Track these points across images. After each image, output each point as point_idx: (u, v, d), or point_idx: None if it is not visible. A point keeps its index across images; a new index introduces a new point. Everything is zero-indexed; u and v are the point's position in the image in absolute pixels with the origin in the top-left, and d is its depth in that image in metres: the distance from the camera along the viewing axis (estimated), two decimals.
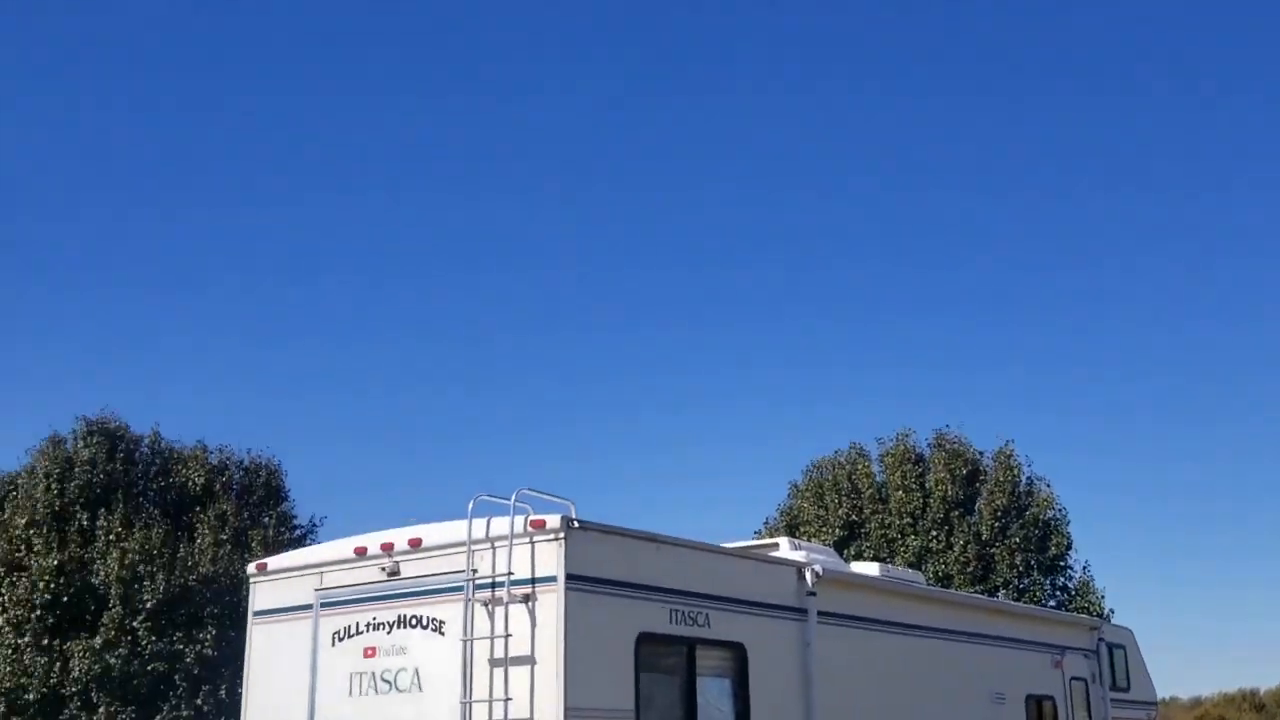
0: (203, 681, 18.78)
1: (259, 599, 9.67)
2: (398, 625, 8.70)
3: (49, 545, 20.12)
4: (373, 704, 8.66)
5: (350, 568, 9.10)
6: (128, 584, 19.54)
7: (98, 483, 21.32)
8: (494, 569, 8.29)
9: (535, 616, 8.05)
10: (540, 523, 8.20)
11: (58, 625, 19.41)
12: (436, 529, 8.84)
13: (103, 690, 18.67)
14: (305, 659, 9.06)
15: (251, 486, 23.22)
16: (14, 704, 18.57)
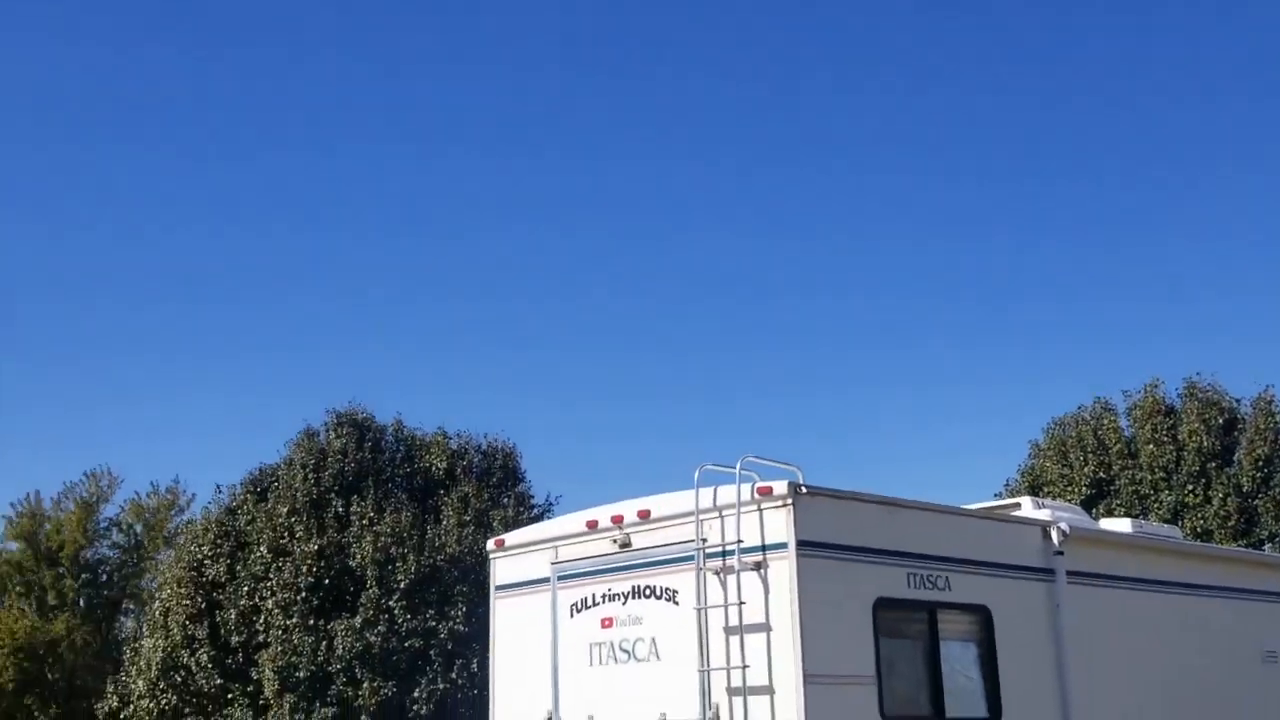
0: (456, 656, 19.52)
1: (499, 574, 9.94)
2: (632, 596, 8.79)
3: (309, 531, 21.29)
4: (613, 673, 8.78)
5: (583, 541, 9.24)
6: (382, 566, 20.49)
7: (349, 471, 22.43)
8: (723, 537, 8.26)
9: (768, 584, 7.98)
10: (767, 490, 8.12)
11: (321, 606, 20.53)
12: (664, 500, 8.87)
13: (365, 666, 19.64)
14: (546, 630, 9.26)
15: (490, 469, 23.99)
16: (286, 680, 19.75)
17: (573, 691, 9.01)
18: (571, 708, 8.98)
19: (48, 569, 55.37)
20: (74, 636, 52.43)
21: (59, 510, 57.21)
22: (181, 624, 21.96)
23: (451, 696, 19.34)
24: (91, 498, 57.56)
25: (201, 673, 21.31)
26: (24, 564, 55.62)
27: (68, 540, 55.77)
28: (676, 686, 8.33)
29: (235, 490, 23.98)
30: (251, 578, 21.38)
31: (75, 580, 55.44)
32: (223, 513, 23.57)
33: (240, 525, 22.76)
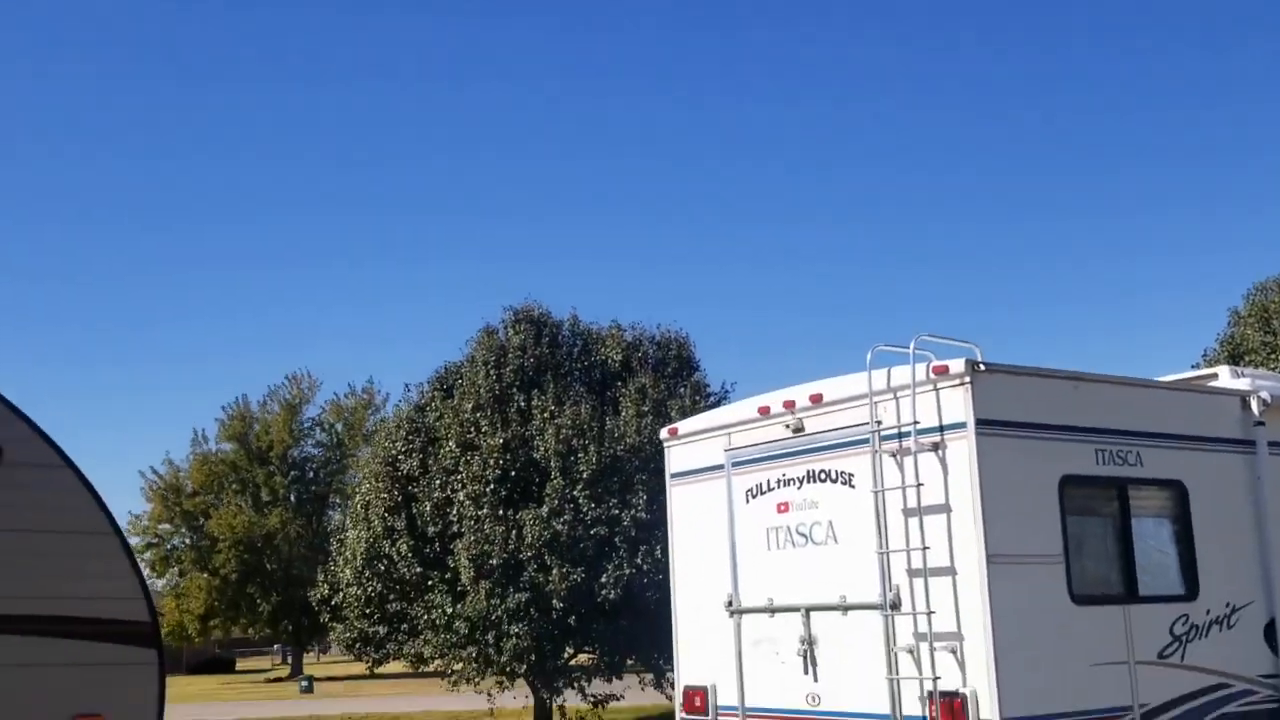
0: (640, 542, 19.90)
1: (674, 462, 10.02)
2: (807, 480, 8.74)
3: (494, 426, 21.88)
4: (790, 557, 8.79)
5: (756, 427, 9.21)
6: (564, 457, 20.95)
7: (529, 366, 22.88)
8: (899, 419, 8.11)
9: (946, 464, 7.82)
10: (943, 369, 7.91)
11: (509, 498, 21.16)
12: (837, 383, 8.75)
13: (553, 553, 20.23)
14: (722, 516, 9.32)
15: (665, 359, 24.12)
16: (480, 568, 20.52)
17: (751, 575, 9.07)
18: (751, 591, 9.05)
19: (259, 467, 58.85)
20: (287, 530, 55.81)
21: (266, 412, 60.53)
22: (381, 516, 22.99)
23: (637, 581, 19.78)
24: (294, 400, 60.68)
25: (402, 561, 22.32)
26: (238, 463, 59.25)
27: (275, 440, 59.08)
28: (855, 569, 8.30)
29: (423, 389, 24.81)
30: (442, 471, 22.16)
31: (285, 477, 58.82)
32: (412, 410, 24.42)
33: (429, 422, 23.55)
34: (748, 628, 9.05)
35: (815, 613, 8.54)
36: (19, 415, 7.10)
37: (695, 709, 9.39)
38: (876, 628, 8.06)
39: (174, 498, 59.41)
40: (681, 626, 9.78)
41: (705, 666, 9.40)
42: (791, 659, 8.63)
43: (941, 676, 7.60)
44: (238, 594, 55.99)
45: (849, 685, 8.26)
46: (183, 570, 59.54)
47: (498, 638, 20.53)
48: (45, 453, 7.11)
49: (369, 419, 57.41)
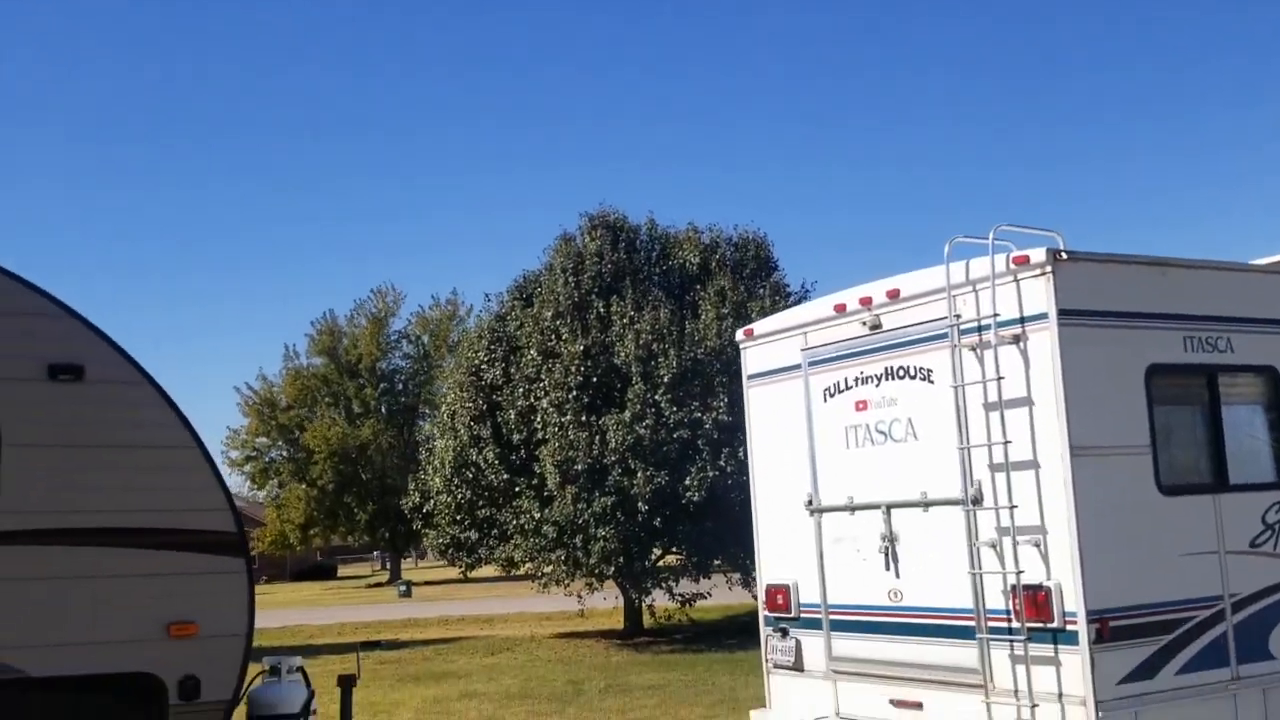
0: (722, 444, 19.97)
1: (750, 363, 9.94)
2: (885, 377, 8.61)
3: (574, 333, 21.97)
4: (870, 455, 8.71)
5: (832, 325, 9.07)
6: (644, 362, 20.99)
7: (606, 272, 22.86)
8: (978, 311, 7.92)
9: (1028, 357, 7.63)
10: (1023, 259, 7.68)
11: (591, 403, 21.31)
12: (914, 277, 8.56)
13: (637, 457, 20.39)
14: (800, 416, 9.24)
15: (743, 261, 23.94)
16: (565, 473, 20.77)
17: (831, 474, 9.01)
18: (831, 490, 9.00)
19: (350, 380, 59.99)
20: (379, 440, 57.00)
21: (353, 326, 61.51)
22: (467, 425, 23.33)
23: (721, 483, 19.88)
24: (380, 313, 61.54)
25: (489, 469, 22.67)
26: (329, 377, 60.44)
27: (364, 353, 60.08)
28: (936, 465, 8.19)
29: (503, 298, 24.96)
30: (525, 379, 22.36)
31: (375, 389, 59.90)
32: (494, 320, 24.62)
33: (510, 331, 23.73)
34: (828, 526, 9.02)
35: (896, 510, 8.47)
36: (99, 334, 7.24)
37: (778, 606, 9.43)
38: (958, 523, 7.98)
39: (269, 412, 60.87)
40: (762, 526, 9.79)
41: (787, 565, 9.41)
42: (873, 556, 8.60)
43: (1025, 570, 7.51)
44: (335, 503, 57.50)
45: (931, 581, 8.21)
46: (281, 482, 61.24)
47: (585, 541, 20.84)
48: (126, 370, 7.25)
49: (453, 330, 58.05)
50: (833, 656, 8.87)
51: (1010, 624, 7.59)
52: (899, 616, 8.43)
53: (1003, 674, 7.64)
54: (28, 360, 7.03)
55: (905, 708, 8.28)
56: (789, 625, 9.29)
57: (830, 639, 8.90)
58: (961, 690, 7.88)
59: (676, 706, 14.49)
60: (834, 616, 8.92)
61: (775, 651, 9.36)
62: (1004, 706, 7.58)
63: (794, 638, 9.22)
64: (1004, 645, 7.65)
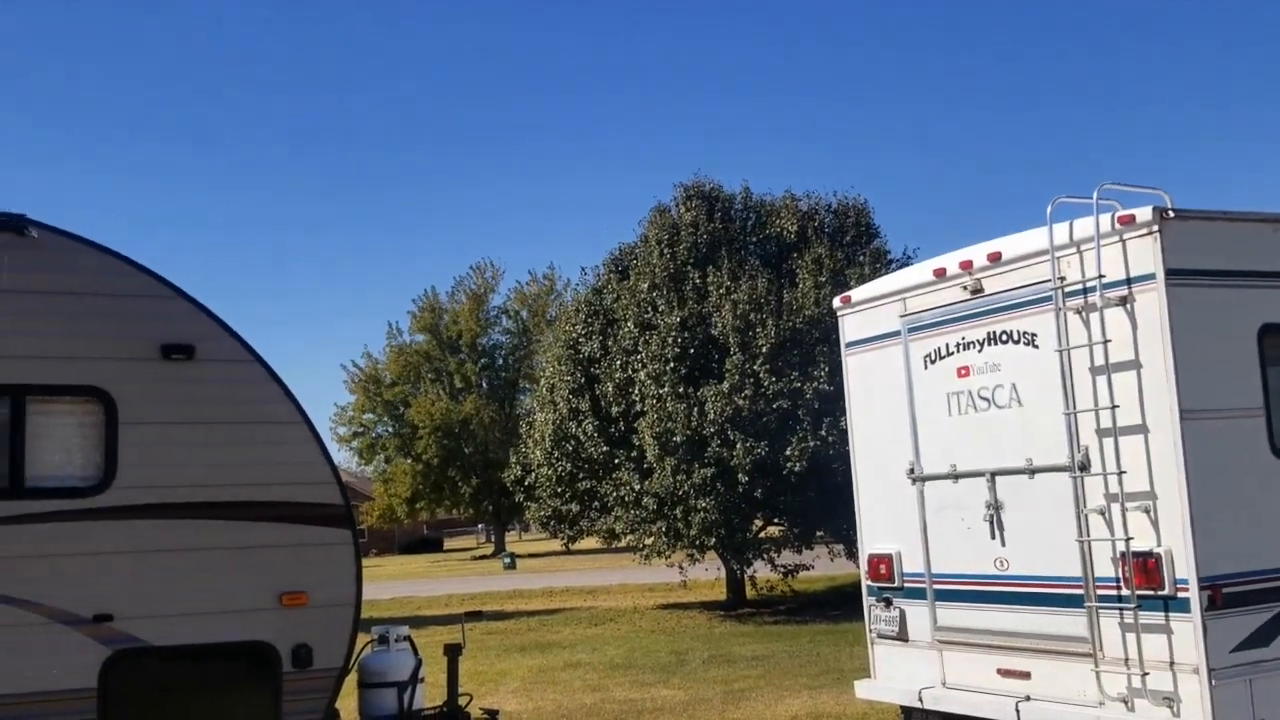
0: (823, 414, 19.83)
1: (848, 331, 9.84)
2: (988, 342, 8.47)
3: (670, 304, 21.98)
4: (974, 422, 8.58)
5: (932, 290, 8.93)
6: (742, 332, 20.92)
7: (702, 243, 22.80)
8: (1083, 273, 7.73)
9: (1135, 318, 7.43)
10: (1129, 218, 7.47)
11: (690, 375, 21.32)
12: (1016, 240, 8.38)
13: (737, 429, 20.35)
14: (901, 384, 9.14)
15: (842, 228, 23.68)
16: (665, 445, 20.82)
17: (933, 442, 8.90)
18: (933, 458, 8.89)
19: (451, 356, 60.91)
20: (481, 415, 57.80)
21: (454, 303, 62.36)
22: (566, 398, 23.52)
23: (822, 452, 19.75)
24: (480, 289, 62.30)
25: (589, 441, 22.85)
26: (431, 353, 61.44)
27: (465, 329, 60.93)
28: (1041, 431, 8.04)
29: (599, 271, 25.06)
30: (622, 352, 22.45)
31: (475, 364, 60.75)
32: (590, 293, 24.74)
33: (607, 304, 23.82)
34: (931, 494, 8.92)
35: (1000, 477, 8.34)
36: (209, 315, 7.45)
37: (881, 576, 9.36)
38: (1065, 490, 7.83)
39: (374, 388, 62.08)
40: (863, 496, 9.71)
41: (889, 535, 9.33)
42: (977, 524, 8.48)
43: (1135, 537, 7.35)
44: (440, 477, 58.49)
45: (1037, 549, 8.08)
46: (388, 457, 62.47)
47: (685, 512, 20.89)
48: (235, 348, 7.45)
49: (551, 304, 58.50)
50: (938, 626, 8.78)
51: (1120, 592, 7.44)
52: (1005, 585, 8.31)
53: (1112, 643, 7.50)
54: (142, 341, 7.27)
55: (1013, 677, 8.18)
56: (893, 595, 9.22)
57: (935, 609, 8.81)
58: (1070, 659, 7.75)
59: (780, 677, 14.50)
60: (938, 586, 8.83)
61: (879, 622, 9.31)
62: (1114, 675, 7.44)
63: (898, 608, 9.15)
64: (1113, 613, 7.50)
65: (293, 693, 7.36)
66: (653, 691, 13.99)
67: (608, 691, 14.18)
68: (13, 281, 7.07)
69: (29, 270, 7.11)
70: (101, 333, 7.21)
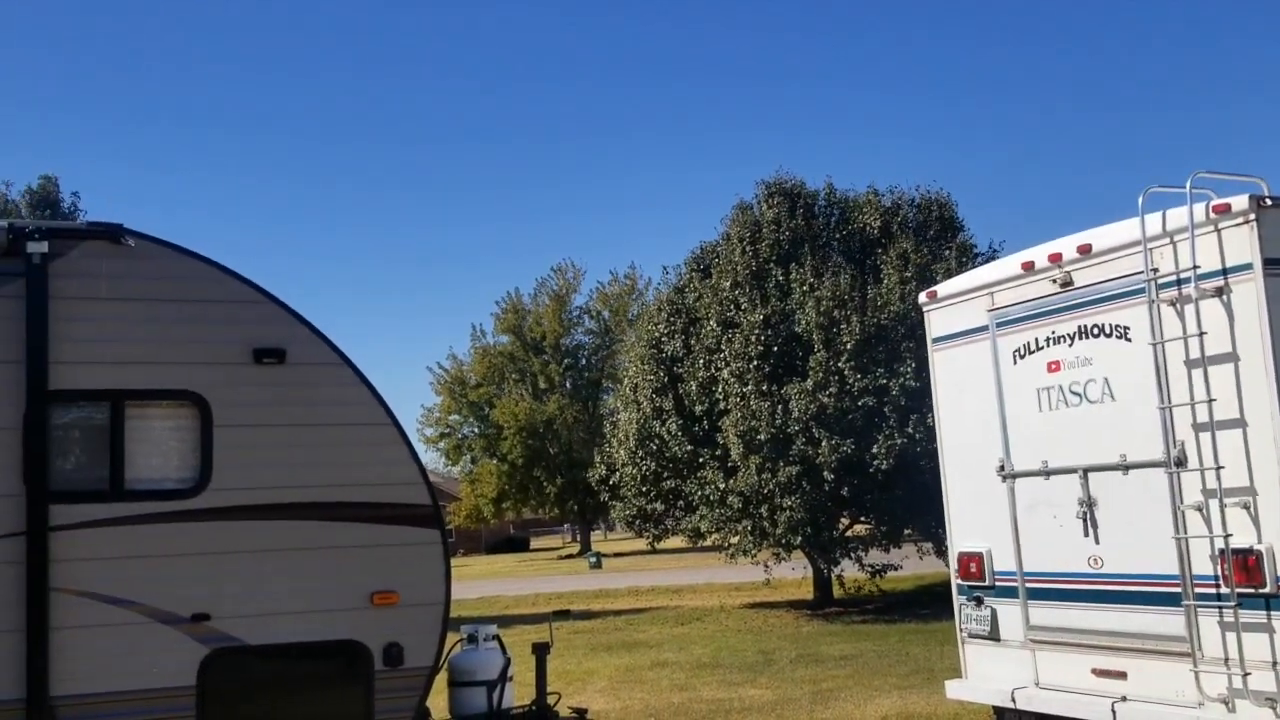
0: (910, 410, 19.61)
1: (935, 326, 9.72)
2: (1078, 336, 8.30)
3: (753, 302, 21.91)
4: (1065, 417, 8.42)
5: (1020, 284, 8.79)
6: (826, 329, 20.77)
7: (784, 240, 22.69)
8: (1177, 264, 7.55)
9: (1232, 310, 7.24)
10: (1224, 207, 7.28)
11: (773, 373, 21.23)
12: (1106, 231, 8.22)
13: (821, 426, 20.21)
14: (989, 380, 9.00)
15: (927, 222, 23.41)
16: (749, 443, 20.75)
17: (1023, 438, 8.76)
18: (1024, 454, 8.75)
19: (535, 357, 61.32)
20: (565, 415, 58.12)
21: (537, 304, 62.79)
22: (650, 397, 23.56)
23: (910, 450, 19.53)
24: (562, 290, 62.64)
25: (673, 440, 22.85)
26: (515, 354, 61.92)
27: (548, 330, 61.31)
28: (1135, 426, 7.87)
29: (681, 270, 25.05)
30: (705, 350, 22.42)
31: (559, 365, 61.07)
32: (672, 292, 24.75)
33: (689, 303, 23.81)
34: (1022, 491, 8.78)
35: (1093, 473, 8.18)
36: (299, 319, 7.58)
37: (971, 575, 9.23)
38: (1160, 486, 7.65)
39: (460, 390, 62.73)
40: (953, 493, 9.59)
41: (980, 532, 9.20)
42: (1070, 522, 8.33)
43: (1234, 534, 7.15)
44: (525, 477, 58.91)
45: (1133, 546, 7.90)
46: (474, 458, 63.09)
47: (771, 511, 20.81)
48: (325, 352, 7.57)
49: (633, 304, 58.61)
50: (1030, 626, 8.64)
51: (1219, 590, 7.25)
52: (1099, 584, 8.14)
53: (1212, 642, 7.31)
54: (234, 345, 7.42)
55: (1109, 677, 8.01)
56: (984, 594, 9.08)
57: (1027, 608, 8.67)
58: (1168, 659, 7.57)
59: (870, 677, 14.38)
60: (1030, 584, 8.68)
61: (970, 621, 9.17)
62: (1214, 675, 7.26)
63: (989, 607, 9.01)
64: (1212, 612, 7.32)
65: (384, 691, 7.46)
66: (740, 691, 13.95)
67: (695, 691, 14.17)
68: (111, 289, 7.27)
69: (126, 278, 7.30)
70: (196, 338, 7.38)
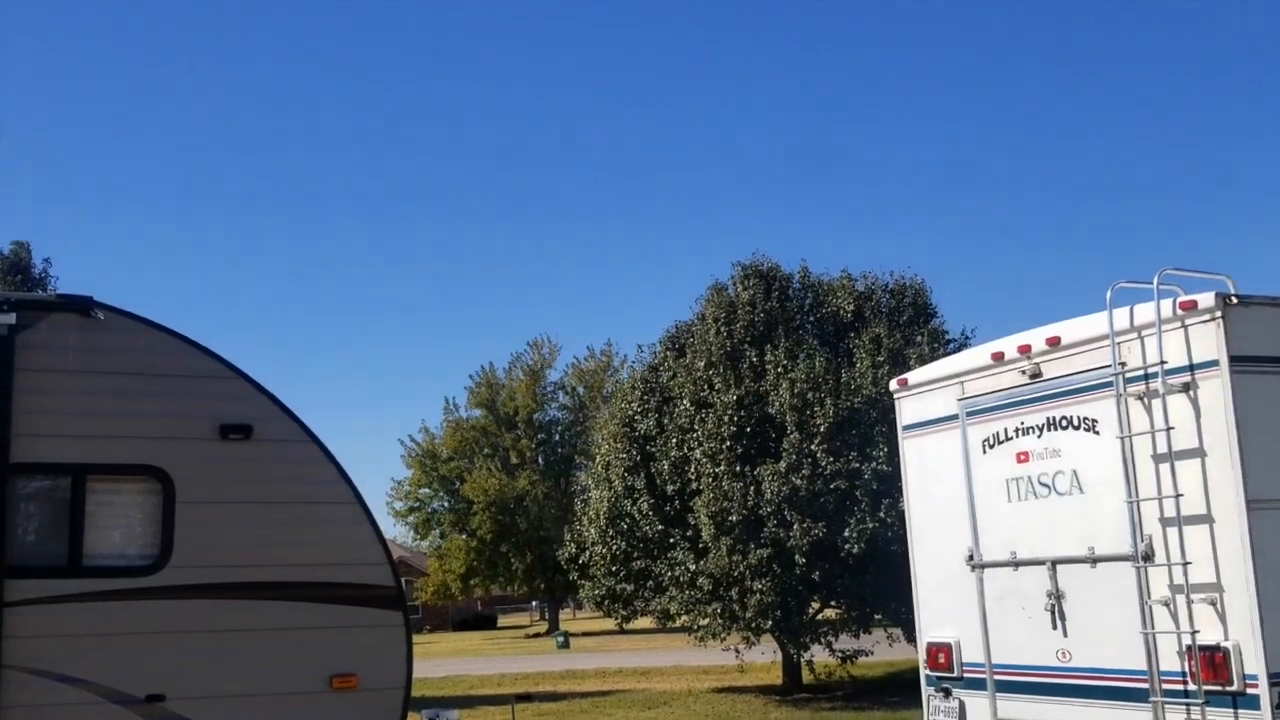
0: (882, 495, 19.55)
1: (905, 413, 9.76)
2: (1047, 428, 8.35)
3: (727, 383, 21.92)
4: (1033, 508, 8.44)
5: (990, 374, 8.86)
6: (800, 411, 20.78)
7: (759, 321, 22.76)
8: (1145, 359, 7.63)
9: (1199, 405, 7.30)
10: (1191, 304, 7.38)
11: (746, 454, 21.17)
12: (1075, 325, 8.31)
13: (794, 509, 20.13)
14: (958, 468, 9.02)
15: (900, 307, 23.55)
16: (720, 525, 20.64)
17: (992, 528, 8.76)
18: (992, 544, 8.75)
19: (507, 432, 61.02)
20: (536, 491, 57.71)
21: (511, 379, 62.64)
22: (621, 476, 23.43)
23: (881, 534, 19.45)
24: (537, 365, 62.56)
25: (644, 520, 22.70)
26: (487, 428, 61.60)
27: (521, 405, 61.10)
28: (1103, 519, 7.89)
29: (655, 349, 25.09)
30: (678, 430, 22.37)
31: (531, 440, 60.79)
32: (646, 370, 24.75)
33: (664, 381, 23.81)
34: (990, 582, 8.76)
35: (1062, 565, 8.18)
36: (266, 394, 7.53)
37: (940, 665, 9.17)
38: (1128, 580, 7.65)
39: (431, 463, 62.29)
40: (921, 582, 9.56)
41: (948, 622, 9.16)
42: (1038, 614, 8.30)
43: (1201, 630, 7.15)
44: (494, 553, 58.35)
45: (1101, 640, 7.88)
46: (443, 532, 62.48)
47: (741, 594, 20.63)
48: (291, 428, 7.51)
49: (608, 381, 58.58)
50: (998, 719, 8.56)
51: (1186, 686, 7.23)
52: (1068, 678, 8.10)
53: None
54: (200, 420, 7.35)
55: None
56: (952, 685, 9.02)
57: (995, 700, 8.60)
58: None
59: None
60: (999, 677, 8.63)
61: (938, 713, 9.10)
62: None
63: (957, 698, 8.95)
64: (1179, 709, 7.28)
65: None
66: None
67: None
68: (78, 361, 7.20)
69: (93, 351, 7.24)
70: (161, 412, 7.31)
